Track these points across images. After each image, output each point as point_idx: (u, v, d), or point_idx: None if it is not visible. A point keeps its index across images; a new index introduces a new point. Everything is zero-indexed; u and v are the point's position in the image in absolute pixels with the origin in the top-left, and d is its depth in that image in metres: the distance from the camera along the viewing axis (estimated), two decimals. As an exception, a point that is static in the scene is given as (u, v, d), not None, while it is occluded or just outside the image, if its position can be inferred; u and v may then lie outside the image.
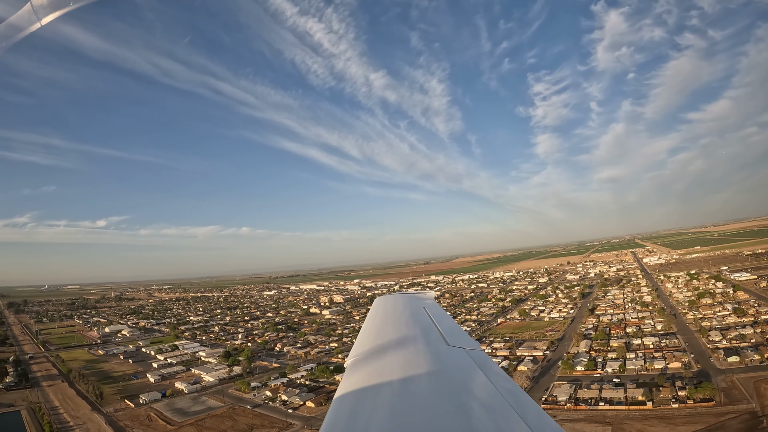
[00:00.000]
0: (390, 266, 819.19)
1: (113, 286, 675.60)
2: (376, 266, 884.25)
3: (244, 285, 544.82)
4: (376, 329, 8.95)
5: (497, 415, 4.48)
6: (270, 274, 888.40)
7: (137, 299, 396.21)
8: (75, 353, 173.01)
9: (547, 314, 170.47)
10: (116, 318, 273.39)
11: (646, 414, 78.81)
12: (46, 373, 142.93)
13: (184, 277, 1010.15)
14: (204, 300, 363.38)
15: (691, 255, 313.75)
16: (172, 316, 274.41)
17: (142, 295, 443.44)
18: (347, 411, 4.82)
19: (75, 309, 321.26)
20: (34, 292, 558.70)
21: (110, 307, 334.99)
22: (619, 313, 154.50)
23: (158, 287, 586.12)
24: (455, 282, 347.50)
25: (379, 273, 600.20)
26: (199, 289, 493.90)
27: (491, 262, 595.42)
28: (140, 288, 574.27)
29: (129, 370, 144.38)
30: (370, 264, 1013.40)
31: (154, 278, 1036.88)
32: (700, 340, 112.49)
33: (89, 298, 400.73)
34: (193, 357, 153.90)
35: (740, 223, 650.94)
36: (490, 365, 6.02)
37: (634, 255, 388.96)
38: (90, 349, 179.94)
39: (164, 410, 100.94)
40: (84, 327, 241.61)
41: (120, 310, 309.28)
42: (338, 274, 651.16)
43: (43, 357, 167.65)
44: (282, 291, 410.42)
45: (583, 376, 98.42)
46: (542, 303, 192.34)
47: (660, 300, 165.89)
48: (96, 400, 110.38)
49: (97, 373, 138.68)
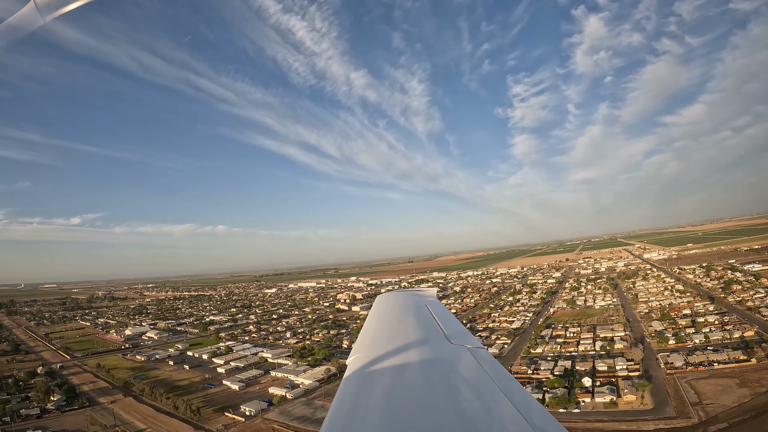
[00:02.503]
0: (369, 265, 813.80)
1: (91, 285, 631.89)
2: (355, 265, 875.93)
3: (233, 283, 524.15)
4: (378, 327, 8.87)
5: (499, 413, 4.48)
6: (250, 273, 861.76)
7: (131, 298, 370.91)
8: (109, 360, 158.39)
9: (593, 302, 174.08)
10: (123, 319, 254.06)
11: (755, 368, 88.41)
12: (93, 386, 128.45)
13: (160, 276, 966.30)
14: (205, 299, 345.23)
15: (688, 251, 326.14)
16: (184, 316, 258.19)
17: (132, 294, 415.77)
18: (349, 409, 4.77)
19: (70, 310, 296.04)
20: (12, 291, 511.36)
21: (107, 307, 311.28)
22: (664, 299, 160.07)
23: (143, 285, 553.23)
24: (462, 278, 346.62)
25: (366, 271, 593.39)
26: (188, 288, 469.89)
27: (477, 260, 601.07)
28: (123, 287, 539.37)
29: (192, 377, 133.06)
30: (349, 263, 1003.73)
31: (129, 277, 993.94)
32: (754, 316, 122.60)
33: (78, 298, 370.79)
34: (262, 359, 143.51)
35: (717, 223, 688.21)
36: (492, 363, 5.92)
37: (630, 252, 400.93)
38: (125, 355, 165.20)
39: (286, 420, 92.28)
40: (96, 330, 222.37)
41: (121, 311, 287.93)
42: (326, 272, 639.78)
43: (73, 366, 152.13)
44: (282, 289, 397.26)
45: (678, 348, 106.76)
46: (577, 294, 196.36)
47: (691, 288, 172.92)
48: (191, 417, 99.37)
49: (156, 383, 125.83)
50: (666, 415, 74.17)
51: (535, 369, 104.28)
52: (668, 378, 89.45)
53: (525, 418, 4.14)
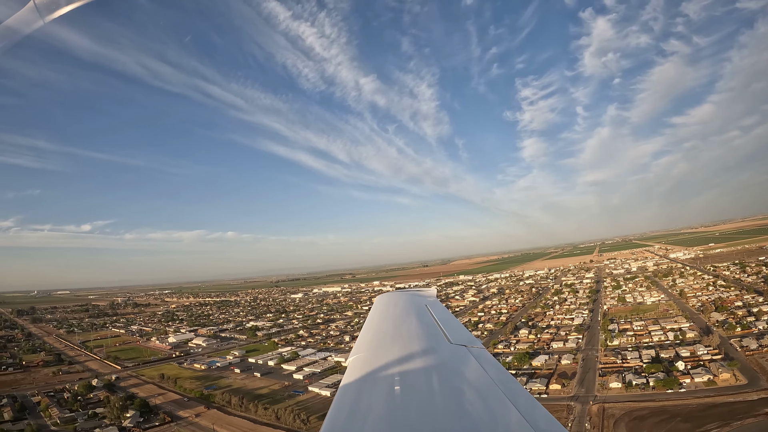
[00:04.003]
0: (381, 269, 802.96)
1: (105, 292, 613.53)
2: (367, 269, 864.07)
3: (250, 289, 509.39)
4: (378, 327, 8.70)
5: (500, 413, 4.44)
6: (262, 279, 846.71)
7: (153, 305, 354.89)
8: (165, 369, 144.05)
9: (642, 299, 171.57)
10: (156, 325, 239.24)
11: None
12: (164, 399, 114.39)
13: (170, 282, 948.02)
14: (231, 305, 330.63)
15: (713, 251, 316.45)
16: (220, 322, 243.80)
17: (152, 300, 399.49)
18: (349, 409, 4.72)
19: (95, 317, 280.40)
20: (26, 298, 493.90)
21: (134, 314, 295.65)
22: (710, 294, 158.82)
23: (160, 292, 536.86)
24: (491, 281, 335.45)
25: (383, 275, 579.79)
26: (208, 294, 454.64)
27: (494, 263, 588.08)
28: (139, 293, 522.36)
29: (268, 385, 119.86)
30: (360, 267, 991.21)
31: (140, 283, 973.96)
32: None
33: (98, 304, 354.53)
34: (336, 363, 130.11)
35: (729, 224, 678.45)
36: (492, 363, 5.82)
37: (653, 252, 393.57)
38: (180, 363, 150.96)
39: None
40: (132, 337, 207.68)
41: (149, 317, 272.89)
42: (342, 277, 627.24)
43: (129, 377, 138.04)
44: (308, 294, 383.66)
45: (745, 334, 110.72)
46: (621, 292, 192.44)
47: (732, 283, 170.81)
48: (301, 426, 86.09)
49: (233, 392, 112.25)
50: (762, 387, 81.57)
51: (622, 358, 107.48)
52: (749, 359, 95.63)
53: (525, 418, 4.10)
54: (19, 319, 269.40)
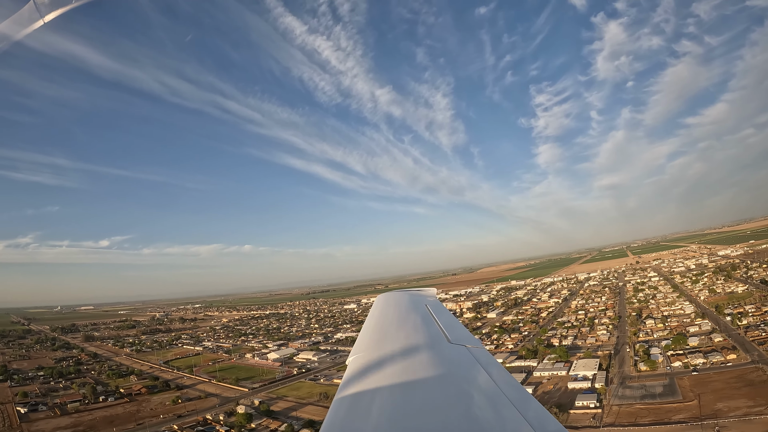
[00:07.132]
0: (405, 279, 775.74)
1: (127, 307, 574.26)
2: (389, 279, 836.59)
3: (282, 302, 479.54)
4: (378, 326, 8.61)
5: (499, 413, 4.42)
6: (285, 291, 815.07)
7: (200, 319, 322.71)
8: (303, 388, 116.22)
9: (729, 288, 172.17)
10: (231, 341, 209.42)
11: None
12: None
13: (190, 296, 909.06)
14: (288, 317, 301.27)
15: (758, 247, 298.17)
16: (295, 336, 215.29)
17: (191, 314, 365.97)
18: (349, 409, 4.66)
19: (149, 333, 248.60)
20: (50, 314, 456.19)
21: (188, 329, 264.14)
22: None
23: (190, 305, 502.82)
24: (545, 284, 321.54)
25: (414, 285, 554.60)
26: (246, 307, 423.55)
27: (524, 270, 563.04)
28: (167, 307, 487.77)
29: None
30: (381, 278, 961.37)
31: (159, 297, 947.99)
32: None
33: (138, 320, 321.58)
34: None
35: (753, 222, 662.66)
36: (492, 362, 5.77)
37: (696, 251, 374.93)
38: (316, 380, 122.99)
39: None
40: (217, 354, 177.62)
41: (213, 332, 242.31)
42: (375, 287, 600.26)
43: (269, 399, 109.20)
44: (359, 303, 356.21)
45: None
46: (702, 285, 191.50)
47: None
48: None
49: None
50: None
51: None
52: None
53: (523, 415, 4.12)
54: (65, 337, 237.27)
